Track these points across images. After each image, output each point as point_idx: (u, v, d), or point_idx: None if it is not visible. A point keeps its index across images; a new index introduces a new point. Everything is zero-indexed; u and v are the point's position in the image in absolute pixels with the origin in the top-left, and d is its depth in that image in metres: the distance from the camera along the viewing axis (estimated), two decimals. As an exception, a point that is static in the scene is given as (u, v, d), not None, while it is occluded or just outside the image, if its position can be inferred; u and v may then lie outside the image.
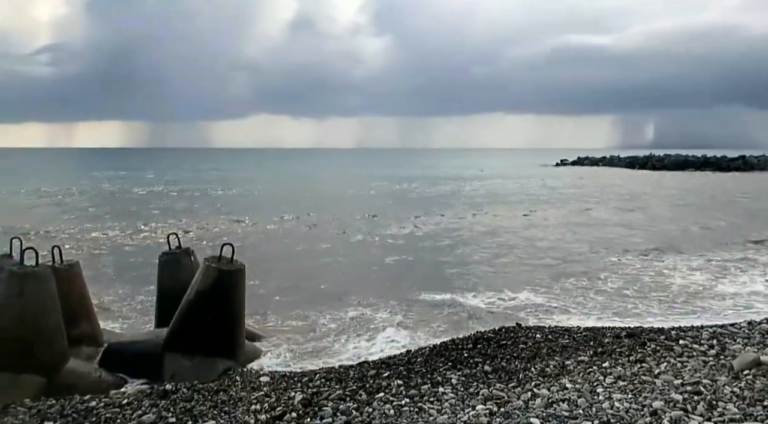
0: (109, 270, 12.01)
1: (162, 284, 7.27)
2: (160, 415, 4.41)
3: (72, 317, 6.04)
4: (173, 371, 5.90)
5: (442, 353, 5.92)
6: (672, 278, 11.27)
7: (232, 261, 6.29)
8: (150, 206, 26.88)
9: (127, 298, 9.65)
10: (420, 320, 8.59)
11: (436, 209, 24.32)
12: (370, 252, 14.47)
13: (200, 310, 6.11)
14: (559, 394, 4.43)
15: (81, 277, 6.73)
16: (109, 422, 4.36)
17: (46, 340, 5.41)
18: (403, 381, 4.97)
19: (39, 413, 4.59)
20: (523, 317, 8.56)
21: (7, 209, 25.26)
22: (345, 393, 4.72)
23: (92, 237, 16.91)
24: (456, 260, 13.45)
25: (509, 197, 31.25)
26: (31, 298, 5.35)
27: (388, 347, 7.33)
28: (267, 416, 4.35)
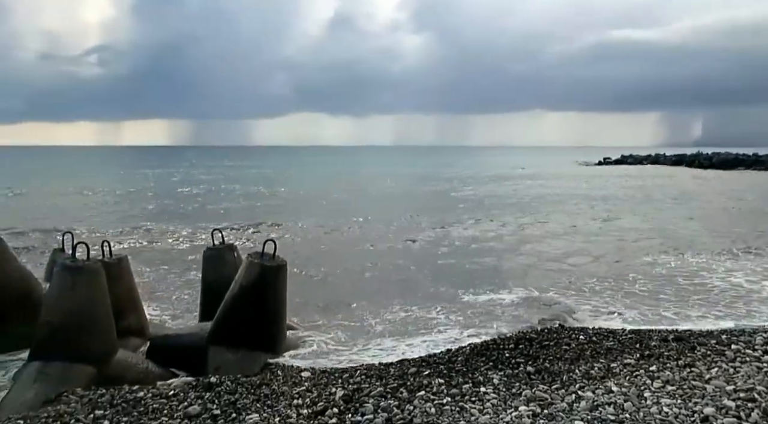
0: (155, 264, 12.30)
1: (206, 279, 7.43)
2: (206, 407, 4.49)
3: (120, 309, 6.21)
4: (217, 364, 6.00)
5: (482, 353, 5.87)
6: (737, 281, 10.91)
7: (274, 257, 6.37)
8: (196, 204, 27.42)
9: (173, 292, 9.88)
10: (461, 319, 8.55)
11: (484, 213, 23.29)
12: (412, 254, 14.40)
13: (243, 304, 6.21)
14: (605, 397, 4.35)
15: (129, 271, 6.93)
16: (156, 412, 4.47)
17: (97, 331, 5.57)
18: (444, 380, 4.95)
19: (90, 402, 4.73)
20: (577, 317, 8.47)
21: (61, 205, 26.18)
22: (386, 390, 4.72)
23: (140, 233, 17.37)
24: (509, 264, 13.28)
25: (563, 200, 29.35)
26: (82, 291, 5.53)
27: (427, 346, 7.32)
28: (309, 411, 4.39)
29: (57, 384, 5.21)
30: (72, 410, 4.58)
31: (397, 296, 9.91)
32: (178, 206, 26.36)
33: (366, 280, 11.35)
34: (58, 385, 5.21)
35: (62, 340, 5.43)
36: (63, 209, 24.45)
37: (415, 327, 8.23)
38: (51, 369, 5.33)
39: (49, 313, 5.54)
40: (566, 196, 30.89)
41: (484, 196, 31.95)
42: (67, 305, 5.48)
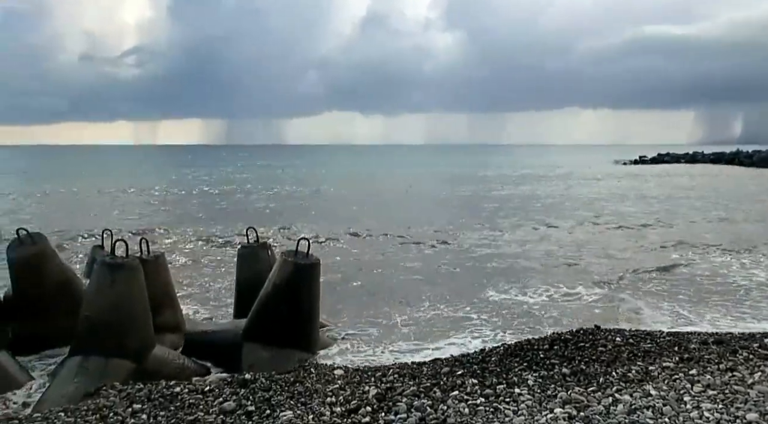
0: (191, 261, 12.51)
1: (240, 276, 7.52)
2: (240, 403, 4.54)
3: (157, 305, 6.33)
4: (251, 361, 6.07)
5: (516, 354, 5.81)
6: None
7: (308, 255, 6.41)
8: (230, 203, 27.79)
9: (208, 289, 10.03)
10: (492, 319, 8.51)
11: (527, 215, 22.20)
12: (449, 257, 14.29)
13: (277, 302, 6.27)
14: (643, 401, 4.26)
15: (166, 268, 7.06)
16: (193, 407, 4.53)
17: (135, 327, 5.69)
18: (477, 380, 4.91)
19: (128, 396, 4.82)
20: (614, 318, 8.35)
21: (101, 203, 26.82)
22: (419, 390, 4.71)
23: (176, 230, 17.68)
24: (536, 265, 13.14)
25: (609, 200, 28.11)
26: (121, 287, 5.65)
27: (458, 346, 7.31)
28: (342, 409, 4.40)
29: (96, 378, 5.33)
30: (111, 404, 4.68)
31: (429, 296, 9.90)
32: (213, 205, 26.77)
33: (398, 279, 11.34)
34: (97, 379, 5.33)
35: (101, 335, 5.55)
36: (102, 207, 25.05)
37: (445, 327, 8.22)
38: (90, 363, 5.46)
39: (89, 309, 5.67)
40: (611, 197, 29.71)
41: (524, 196, 30.70)
42: (106, 301, 5.61)
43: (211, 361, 6.35)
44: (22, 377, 5.75)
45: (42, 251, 6.80)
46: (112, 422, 4.30)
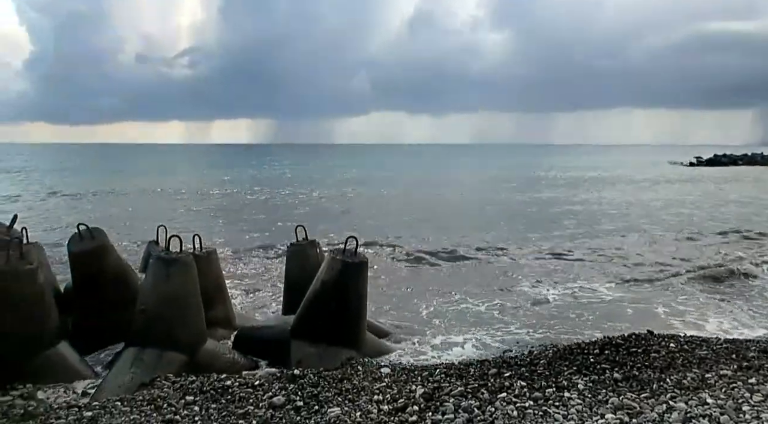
0: (241, 258, 12.77)
1: (289, 274, 7.62)
2: (289, 398, 4.62)
3: (209, 300, 6.47)
4: (299, 357, 6.15)
5: (566, 357, 5.72)
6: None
7: (356, 254, 6.45)
8: (280, 201, 28.20)
9: (257, 285, 10.23)
10: (538, 321, 8.41)
11: (592, 226, 19.57)
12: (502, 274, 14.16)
13: (325, 300, 6.33)
14: (699, 409, 4.13)
15: (218, 263, 7.22)
16: (243, 400, 4.63)
17: (188, 321, 5.84)
18: (526, 383, 4.85)
19: (181, 388, 4.96)
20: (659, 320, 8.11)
21: (156, 200, 27.66)
22: (466, 390, 4.68)
23: (227, 227, 18.09)
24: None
25: (679, 206, 25.26)
26: (175, 281, 5.81)
27: (505, 347, 7.24)
28: (389, 407, 4.42)
29: (151, 369, 5.50)
30: (165, 395, 4.82)
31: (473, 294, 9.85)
32: (264, 203, 27.24)
33: (444, 283, 11.31)
34: (152, 370, 5.49)
35: (156, 328, 5.72)
36: (158, 204, 25.83)
37: (491, 326, 8.16)
38: (146, 355, 5.63)
39: (145, 302, 5.85)
40: (678, 203, 27.27)
41: (585, 202, 28.22)
42: (161, 295, 5.78)
43: (260, 356, 6.45)
44: (81, 367, 5.96)
45: (100, 245, 7.04)
46: (166, 412, 4.43)
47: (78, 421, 4.33)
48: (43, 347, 5.67)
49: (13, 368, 5.45)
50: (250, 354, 6.45)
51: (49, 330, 5.79)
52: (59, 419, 4.43)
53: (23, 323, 5.50)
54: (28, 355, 5.55)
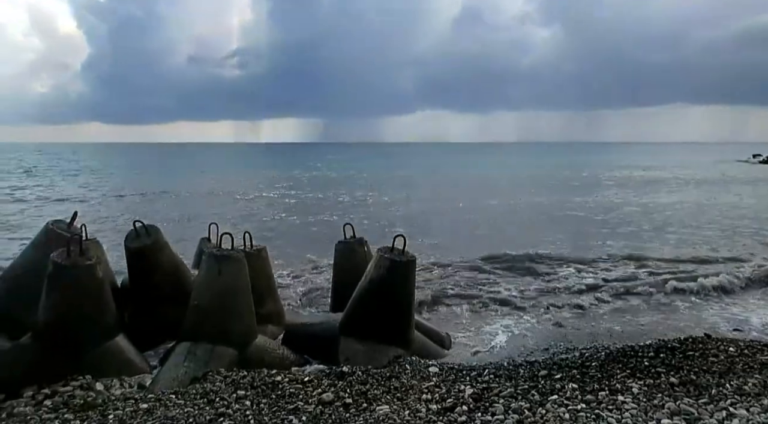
0: (290, 255, 12.93)
1: (337, 271, 7.67)
2: (338, 395, 4.65)
3: (259, 297, 6.57)
4: (347, 355, 6.18)
5: (619, 360, 5.58)
6: None
7: (404, 252, 6.44)
8: (329, 200, 28.43)
9: (306, 282, 10.34)
10: (587, 323, 8.23)
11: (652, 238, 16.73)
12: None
13: (372, 298, 6.34)
14: (762, 416, 3.97)
15: (268, 261, 7.33)
16: (293, 396, 4.69)
17: (239, 316, 5.95)
18: (577, 385, 4.76)
19: (233, 383, 5.06)
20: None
21: (208, 198, 28.33)
22: (516, 391, 4.63)
23: (277, 225, 18.36)
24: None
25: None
26: (227, 278, 5.93)
27: (554, 347, 7.13)
28: (438, 407, 4.41)
29: (204, 364, 5.62)
30: (217, 389, 4.93)
31: (521, 294, 9.72)
32: (313, 201, 27.54)
33: (492, 283, 11.20)
34: (204, 364, 5.62)
35: (209, 323, 5.85)
36: (210, 202, 26.44)
37: (541, 326, 8.04)
38: (198, 349, 5.76)
39: (198, 298, 5.99)
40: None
41: (637, 206, 25.10)
42: (213, 290, 5.90)
43: (309, 352, 6.52)
44: (137, 360, 6.14)
45: (156, 242, 7.24)
46: (218, 406, 4.53)
47: (134, 412, 4.46)
48: (101, 340, 5.86)
49: (74, 360, 5.66)
50: (299, 351, 6.52)
51: (108, 324, 5.99)
52: (117, 410, 4.58)
53: (83, 317, 5.71)
54: (88, 347, 5.75)
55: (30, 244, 6.81)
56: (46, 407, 4.83)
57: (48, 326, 5.68)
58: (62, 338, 5.67)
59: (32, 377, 5.46)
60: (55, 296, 5.61)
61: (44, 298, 5.63)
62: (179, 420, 4.23)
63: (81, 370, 5.60)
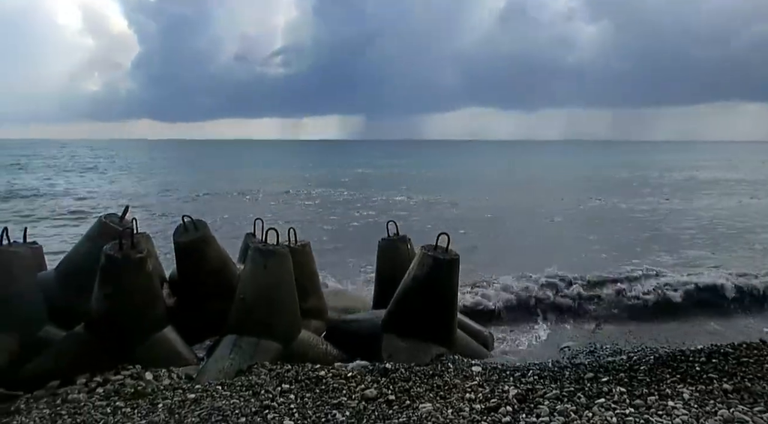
0: (336, 251, 13.04)
1: (380, 268, 7.69)
2: (381, 391, 4.66)
3: (303, 292, 6.64)
4: (389, 352, 6.19)
5: (668, 364, 5.41)
6: None
7: (447, 250, 6.41)
8: (377, 198, 28.50)
9: (349, 279, 10.41)
10: (639, 325, 8.04)
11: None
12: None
13: (415, 296, 6.34)
14: (822, 427, 3.80)
15: (311, 256, 7.40)
16: (336, 391, 4.72)
17: (284, 311, 6.03)
18: (625, 389, 4.64)
19: (278, 376, 5.12)
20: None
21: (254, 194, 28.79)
22: (562, 393, 4.55)
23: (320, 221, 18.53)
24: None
25: None
26: (272, 272, 6.01)
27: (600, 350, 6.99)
28: (481, 406, 4.37)
29: (249, 357, 5.72)
30: (262, 382, 5.00)
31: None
32: (355, 199, 27.68)
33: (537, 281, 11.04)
34: (249, 357, 5.71)
35: (254, 317, 5.95)
36: (257, 198, 26.88)
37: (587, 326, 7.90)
38: (244, 342, 5.87)
39: (243, 292, 6.09)
40: None
41: (700, 214, 22.17)
42: (259, 285, 6.00)
43: (351, 348, 6.54)
44: (184, 351, 6.28)
45: (203, 237, 7.39)
46: (263, 398, 4.59)
47: (182, 402, 4.57)
48: (150, 331, 6.02)
49: (124, 350, 5.83)
50: (342, 346, 6.56)
51: (156, 316, 6.15)
52: (165, 399, 4.70)
53: (134, 309, 5.87)
54: (138, 338, 5.92)
55: (84, 236, 7.05)
56: (99, 395, 4.99)
57: (100, 317, 5.87)
58: (113, 329, 5.85)
59: (85, 365, 5.65)
60: (106, 287, 5.80)
61: (97, 289, 5.82)
62: (225, 411, 4.31)
63: (131, 360, 5.77)
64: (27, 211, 22.19)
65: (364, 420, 4.17)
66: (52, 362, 5.71)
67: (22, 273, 6.06)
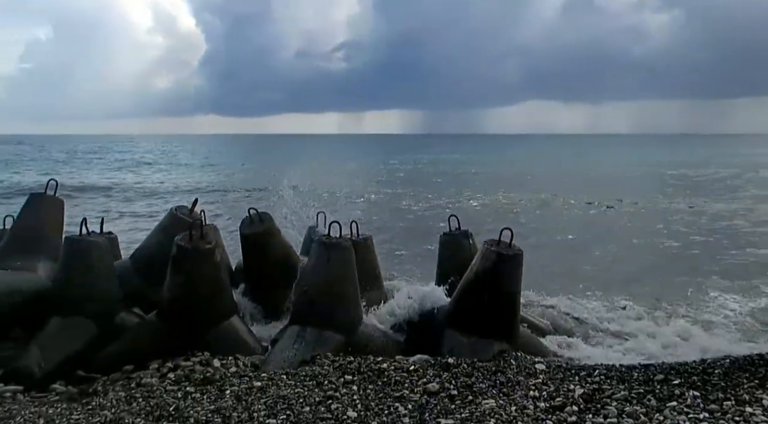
0: (394, 246, 13.09)
1: (441, 263, 7.67)
2: (443, 386, 4.64)
3: (365, 285, 6.70)
4: (451, 347, 6.16)
5: (746, 368, 5.16)
6: None
7: (511, 246, 6.31)
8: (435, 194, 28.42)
9: (409, 272, 10.42)
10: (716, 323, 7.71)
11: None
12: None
13: (478, 291, 6.27)
14: None
15: (373, 249, 7.46)
16: (398, 384, 4.73)
17: (346, 303, 6.09)
18: (699, 393, 4.46)
19: (340, 367, 5.18)
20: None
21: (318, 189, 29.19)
22: (631, 395, 4.40)
23: (386, 216, 18.59)
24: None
25: None
26: (335, 265, 6.08)
27: (672, 350, 6.76)
28: (546, 405, 4.28)
29: (312, 347, 5.80)
30: (325, 372, 5.06)
31: (634, 290, 9.26)
32: (416, 193, 27.67)
33: (603, 276, 10.75)
34: (312, 348, 5.80)
35: (317, 308, 6.03)
36: (315, 191, 27.25)
37: (656, 325, 7.64)
38: (307, 333, 5.96)
39: (307, 283, 6.19)
40: None
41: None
42: (322, 277, 6.08)
43: (412, 342, 6.54)
44: (250, 340, 6.44)
45: (268, 229, 7.57)
46: (326, 388, 4.65)
47: (249, 390, 4.68)
48: (218, 320, 6.21)
49: (193, 338, 6.04)
50: (403, 338, 6.57)
51: (224, 305, 6.34)
52: (233, 386, 4.83)
53: (202, 298, 6.07)
54: (206, 326, 6.12)
55: (156, 227, 7.34)
56: (170, 380, 5.19)
57: (171, 305, 6.10)
58: (183, 317, 6.07)
59: (157, 351, 5.89)
60: (177, 276, 6.01)
61: (168, 278, 6.05)
62: (290, 399, 4.39)
63: (200, 347, 5.96)
64: (103, 202, 23.30)
65: (426, 414, 4.16)
66: (127, 347, 5.97)
67: (99, 262, 6.34)
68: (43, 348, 5.79)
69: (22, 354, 5.74)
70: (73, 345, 5.94)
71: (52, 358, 5.76)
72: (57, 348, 5.84)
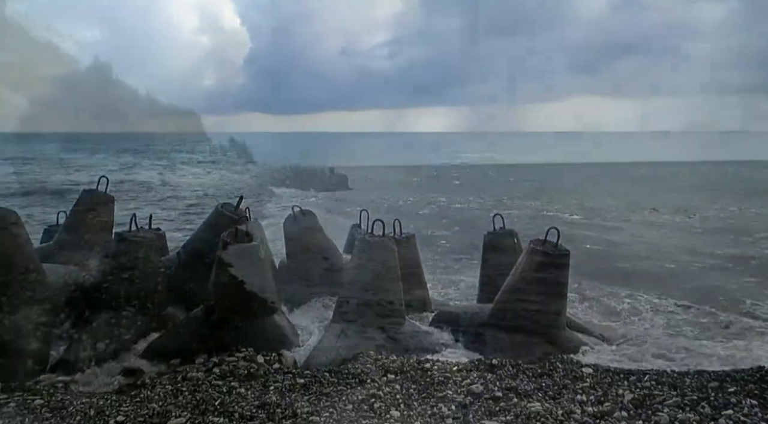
0: (438, 244, 12.97)
1: (486, 263, 7.56)
2: (488, 387, 4.56)
3: (407, 283, 6.65)
4: (495, 347, 6.06)
5: (807, 377, 4.93)
6: None
7: (557, 246, 6.18)
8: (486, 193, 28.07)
9: (454, 271, 10.33)
10: None
11: None
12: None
13: (523, 291, 6.16)
14: None
15: (416, 248, 7.41)
16: (441, 385, 4.67)
17: (388, 300, 6.06)
18: (757, 401, 4.27)
19: (383, 366, 5.14)
20: None
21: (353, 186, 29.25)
22: (683, 401, 4.25)
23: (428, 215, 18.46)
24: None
25: None
26: (378, 261, 6.07)
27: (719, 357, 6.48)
28: (594, 409, 4.17)
29: (354, 345, 5.79)
30: (368, 370, 5.04)
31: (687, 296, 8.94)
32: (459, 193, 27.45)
33: (655, 281, 10.43)
34: (355, 346, 5.79)
35: (360, 306, 6.02)
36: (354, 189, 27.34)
37: (707, 332, 7.35)
38: (350, 331, 5.96)
39: (350, 281, 6.18)
40: None
41: None
42: (365, 274, 6.06)
43: (455, 339, 6.46)
44: (292, 336, 6.47)
45: (310, 226, 7.62)
46: (369, 387, 4.63)
47: (292, 386, 4.70)
48: (262, 315, 6.23)
49: (237, 333, 6.09)
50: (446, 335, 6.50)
51: (268, 300, 6.36)
52: (276, 382, 4.85)
53: (247, 293, 6.11)
54: (250, 321, 6.15)
55: (203, 224, 7.44)
56: (215, 374, 5.23)
57: (216, 300, 6.17)
58: (228, 312, 6.12)
59: (203, 346, 5.95)
60: (223, 272, 6.07)
61: (213, 274, 6.11)
62: (333, 397, 4.39)
63: (244, 342, 6.00)
64: (150, 199, 23.85)
65: (470, 415, 4.10)
66: (173, 341, 6.07)
67: (147, 257, 6.46)
68: (92, 340, 5.93)
69: (72, 345, 5.89)
70: (121, 338, 6.07)
71: (101, 350, 5.90)
72: (105, 341, 5.97)
